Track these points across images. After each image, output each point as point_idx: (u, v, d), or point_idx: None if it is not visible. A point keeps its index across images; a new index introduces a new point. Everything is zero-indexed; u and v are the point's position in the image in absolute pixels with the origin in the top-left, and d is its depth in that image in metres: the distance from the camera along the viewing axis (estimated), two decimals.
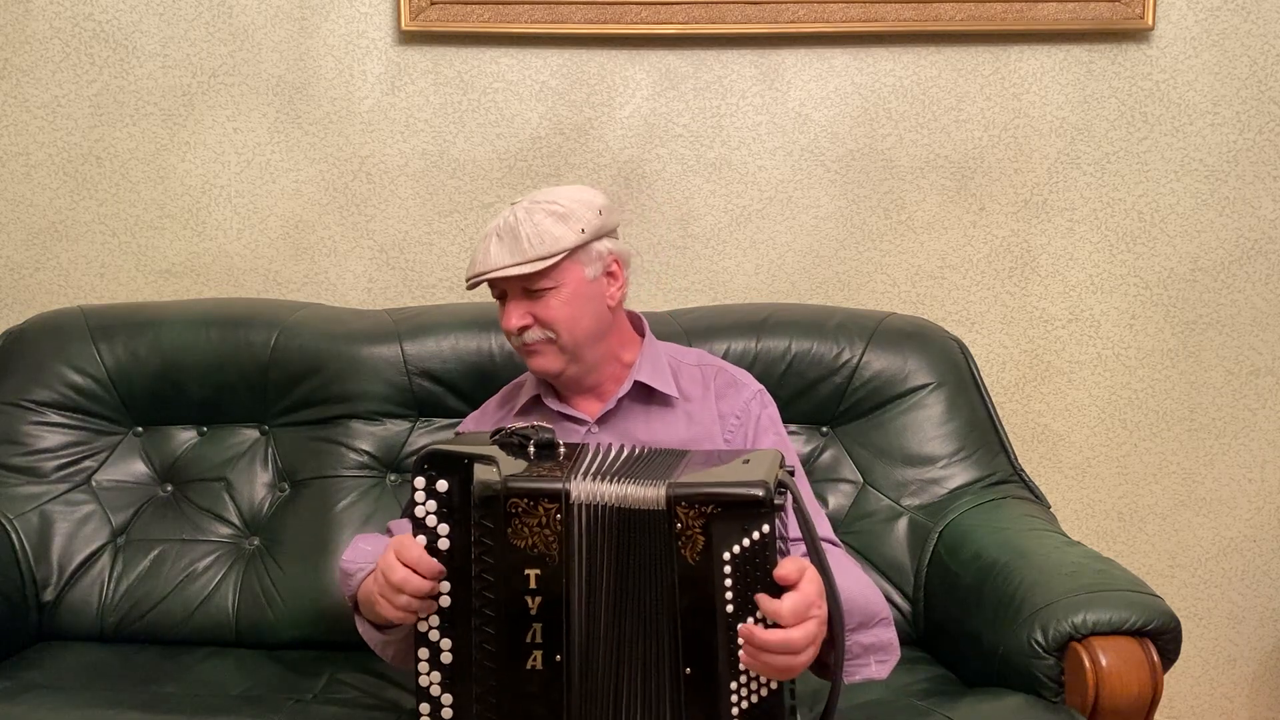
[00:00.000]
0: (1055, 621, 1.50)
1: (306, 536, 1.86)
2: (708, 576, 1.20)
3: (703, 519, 1.19)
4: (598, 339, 1.56)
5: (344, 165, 2.23)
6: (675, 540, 1.20)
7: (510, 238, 1.48)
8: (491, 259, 1.49)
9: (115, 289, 2.25)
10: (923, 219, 2.25)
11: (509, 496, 1.24)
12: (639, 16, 2.14)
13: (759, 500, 1.18)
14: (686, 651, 1.22)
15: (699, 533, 1.20)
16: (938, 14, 2.14)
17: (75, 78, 2.21)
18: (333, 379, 1.93)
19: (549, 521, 1.24)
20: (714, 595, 1.20)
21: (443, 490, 1.26)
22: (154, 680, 1.70)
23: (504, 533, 1.24)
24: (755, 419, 1.60)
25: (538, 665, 1.25)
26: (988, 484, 1.88)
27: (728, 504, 1.19)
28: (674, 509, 1.20)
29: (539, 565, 1.24)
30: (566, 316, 1.51)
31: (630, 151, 2.23)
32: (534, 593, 1.24)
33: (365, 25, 2.19)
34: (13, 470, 1.90)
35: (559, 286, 1.50)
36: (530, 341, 1.52)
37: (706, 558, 1.20)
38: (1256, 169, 2.23)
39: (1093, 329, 2.28)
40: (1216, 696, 2.37)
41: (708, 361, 1.67)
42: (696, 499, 1.20)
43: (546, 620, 1.25)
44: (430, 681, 1.29)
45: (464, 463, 1.26)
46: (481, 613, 1.26)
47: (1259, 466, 2.31)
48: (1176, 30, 2.19)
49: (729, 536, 1.19)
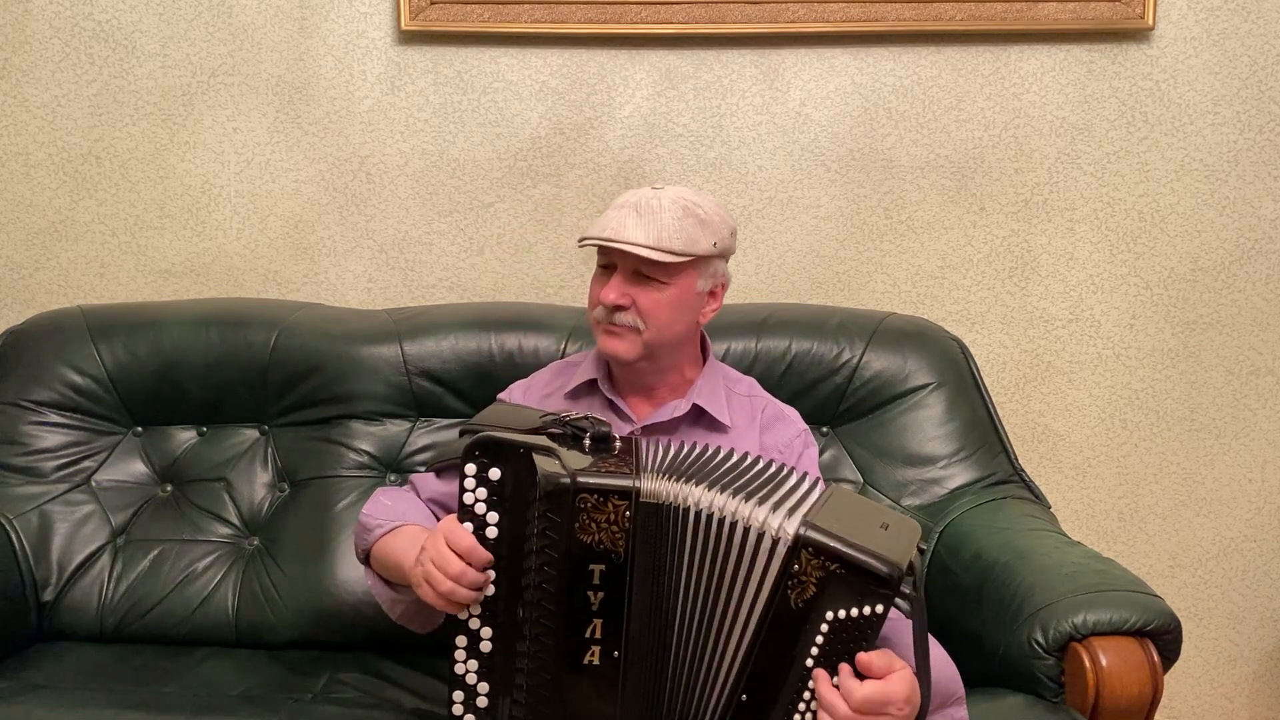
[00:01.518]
0: (1055, 621, 1.50)
1: (306, 536, 1.86)
2: (802, 626, 1.17)
3: (823, 572, 1.16)
4: (677, 348, 1.56)
5: (344, 165, 2.23)
6: (786, 579, 1.17)
7: (650, 218, 1.47)
8: (627, 230, 1.47)
9: (115, 289, 2.25)
10: (923, 219, 2.25)
11: (579, 491, 1.22)
12: (639, 16, 2.14)
13: (884, 579, 1.14)
14: (751, 679, 1.20)
15: (813, 584, 1.16)
16: (938, 14, 2.14)
17: (75, 78, 2.21)
18: (332, 379, 1.93)
19: (618, 518, 1.22)
20: (799, 644, 1.18)
21: (495, 479, 1.24)
22: (154, 680, 1.70)
23: (570, 527, 1.22)
24: (797, 456, 1.60)
25: (595, 660, 1.24)
26: (988, 484, 1.88)
27: (855, 570, 1.15)
28: (800, 549, 1.16)
29: (604, 561, 1.23)
30: (664, 316, 1.51)
31: (630, 151, 2.23)
32: (597, 588, 1.23)
33: (365, 25, 2.19)
34: (12, 470, 1.90)
35: (670, 285, 1.50)
36: (618, 323, 1.51)
37: (809, 609, 1.17)
38: (1256, 169, 2.23)
39: (1093, 329, 2.28)
40: (1216, 696, 2.37)
41: (758, 393, 1.67)
42: (825, 551, 1.16)
43: (608, 616, 1.24)
44: (466, 670, 1.27)
45: (520, 452, 1.24)
46: (539, 605, 1.24)
47: (1259, 466, 2.31)
48: (1177, 30, 2.19)
49: (841, 599, 1.16)
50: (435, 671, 1.70)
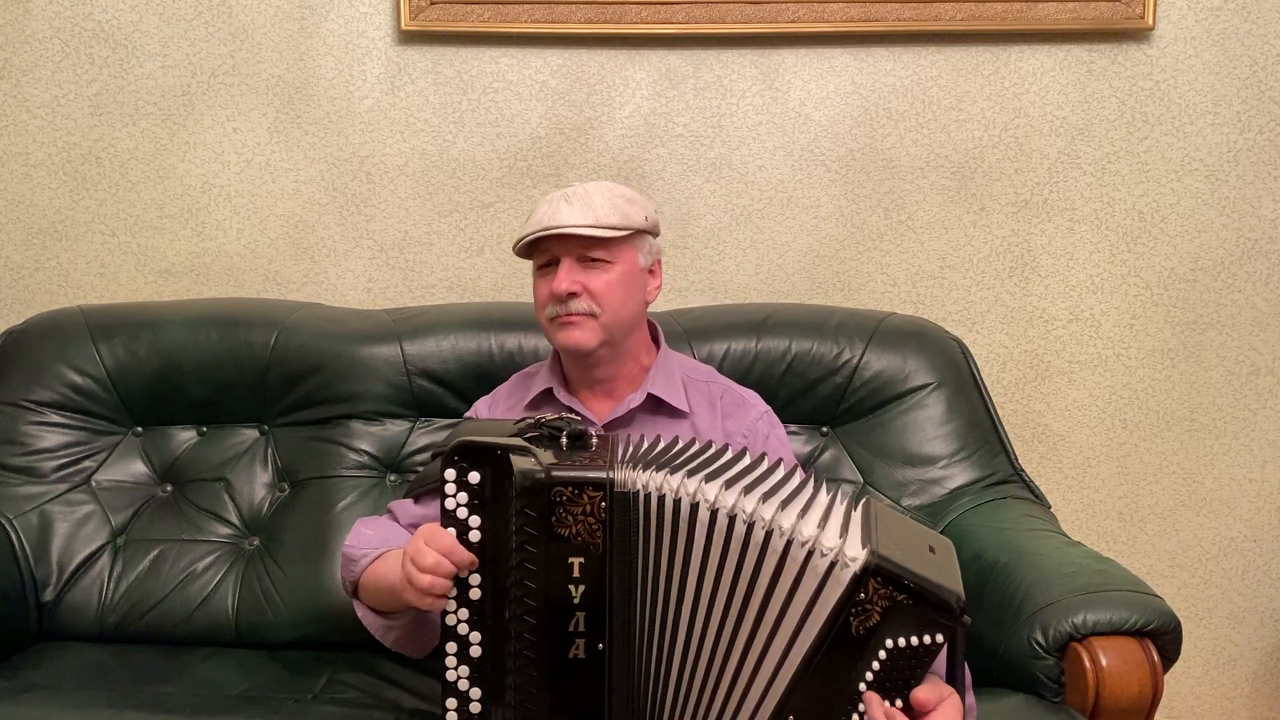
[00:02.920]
0: (1055, 621, 1.50)
1: (306, 536, 1.86)
2: (860, 652, 1.15)
3: (889, 601, 1.13)
4: (632, 328, 1.59)
5: (344, 165, 2.23)
6: (850, 606, 1.14)
7: (582, 203, 1.51)
8: (563, 216, 1.50)
9: (115, 289, 2.25)
10: (923, 219, 2.25)
11: (553, 485, 1.23)
12: (639, 16, 2.14)
13: (952, 611, 1.13)
14: (800, 700, 1.18)
15: (878, 612, 1.14)
16: (938, 14, 2.14)
17: (75, 78, 2.21)
18: (333, 379, 1.93)
19: (594, 510, 1.23)
20: (856, 669, 1.16)
21: (475, 482, 1.25)
22: (154, 680, 1.69)
23: (548, 521, 1.23)
24: (764, 438, 1.61)
25: (580, 654, 1.25)
26: (988, 484, 1.88)
27: (923, 600, 1.13)
28: (868, 578, 1.13)
29: (583, 553, 1.23)
30: (616, 295, 1.54)
31: (630, 151, 2.23)
32: (577, 581, 1.23)
33: (365, 25, 2.19)
34: (12, 470, 1.90)
35: (615, 263, 1.54)
36: (574, 311, 1.53)
37: (870, 636, 1.15)
38: (1256, 169, 2.23)
39: (1093, 329, 2.28)
40: (1216, 696, 2.37)
41: (716, 380, 1.69)
42: (896, 582, 1.13)
43: (590, 608, 1.24)
44: (458, 676, 1.28)
45: (497, 454, 1.25)
46: (522, 602, 1.25)
47: (1259, 466, 2.31)
48: (1176, 30, 2.19)
49: (903, 628, 1.14)
50: (435, 672, 1.67)
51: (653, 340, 1.67)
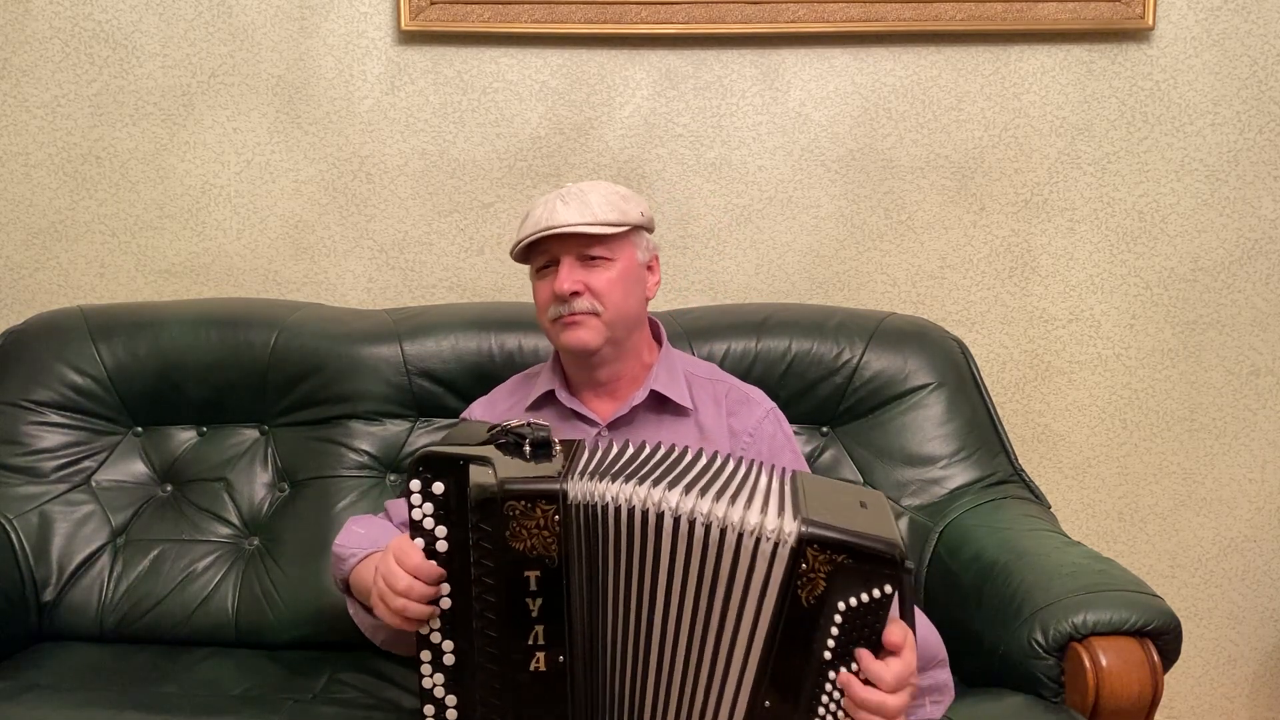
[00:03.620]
0: (1055, 621, 1.50)
1: (306, 536, 1.86)
2: (816, 621, 1.17)
3: (831, 565, 1.15)
4: (635, 325, 1.58)
5: (344, 165, 2.23)
6: (795, 579, 1.16)
7: (578, 202, 1.51)
8: (560, 216, 1.50)
9: (115, 289, 2.25)
10: (923, 219, 2.25)
11: (506, 499, 1.22)
12: (639, 16, 2.14)
13: (893, 560, 1.15)
14: (772, 684, 1.19)
15: (823, 579, 1.15)
16: (938, 14, 2.14)
17: (75, 78, 2.21)
18: (332, 379, 1.93)
19: (547, 523, 1.22)
20: (815, 639, 1.17)
21: (439, 492, 1.25)
22: (154, 680, 1.70)
23: (502, 535, 1.22)
24: (770, 437, 1.60)
25: (541, 666, 1.24)
26: (988, 484, 1.88)
27: (862, 557, 1.15)
28: (805, 547, 1.15)
29: (538, 567, 1.23)
30: (618, 293, 1.53)
31: (630, 151, 2.23)
32: (535, 595, 1.23)
33: (365, 25, 2.19)
34: (12, 470, 1.90)
35: (614, 260, 1.54)
36: (577, 311, 1.52)
37: (821, 604, 1.16)
38: (1256, 169, 2.23)
39: (1093, 329, 2.28)
40: (1216, 696, 2.37)
41: (720, 377, 1.68)
42: (831, 544, 1.15)
43: (549, 622, 1.24)
44: (434, 684, 1.28)
45: (459, 464, 1.24)
46: (483, 616, 1.25)
47: (1259, 466, 2.31)
48: (1176, 30, 2.19)
49: (851, 588, 1.15)
50: None
51: (655, 339, 1.67)
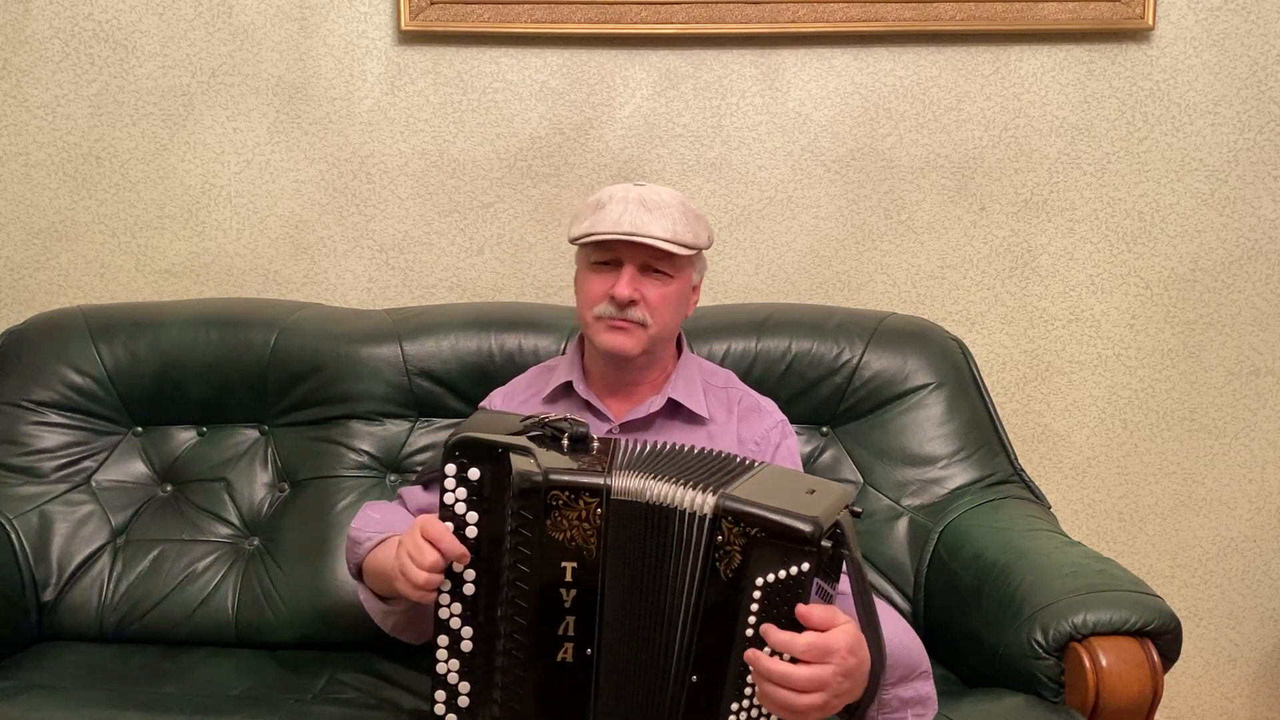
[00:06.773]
0: (1055, 622, 1.50)
1: (306, 536, 1.86)
2: (735, 596, 1.18)
3: (744, 539, 1.17)
4: (668, 341, 1.59)
5: (344, 165, 2.23)
6: (713, 551, 1.19)
7: (660, 213, 1.49)
8: (646, 225, 1.48)
9: (115, 289, 2.25)
10: (923, 219, 2.25)
11: (550, 489, 1.23)
12: (639, 16, 2.14)
13: (805, 536, 1.15)
14: (697, 660, 1.21)
15: (738, 551, 1.17)
16: (938, 14, 2.14)
17: (75, 78, 2.21)
18: (333, 379, 1.93)
19: (589, 515, 1.23)
20: (737, 615, 1.19)
21: (474, 479, 1.25)
22: (154, 680, 1.69)
23: (542, 524, 1.23)
24: (775, 447, 1.61)
25: (568, 657, 1.25)
26: (988, 484, 1.88)
27: (773, 531, 1.17)
28: (720, 521, 1.18)
29: (576, 559, 1.23)
30: (669, 310, 1.54)
31: (630, 151, 2.23)
32: (569, 585, 1.24)
33: (365, 25, 2.19)
34: (13, 470, 1.90)
35: (674, 277, 1.54)
36: (628, 318, 1.52)
37: (739, 577, 1.18)
38: (1256, 169, 2.23)
39: (1093, 329, 2.28)
40: (1216, 696, 2.37)
41: (734, 385, 1.69)
42: (744, 517, 1.17)
43: (580, 613, 1.24)
44: (449, 669, 1.28)
45: (498, 452, 1.25)
46: (514, 603, 1.25)
47: (1259, 466, 2.31)
48: (1176, 30, 2.19)
49: (766, 563, 1.17)
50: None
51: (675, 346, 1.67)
